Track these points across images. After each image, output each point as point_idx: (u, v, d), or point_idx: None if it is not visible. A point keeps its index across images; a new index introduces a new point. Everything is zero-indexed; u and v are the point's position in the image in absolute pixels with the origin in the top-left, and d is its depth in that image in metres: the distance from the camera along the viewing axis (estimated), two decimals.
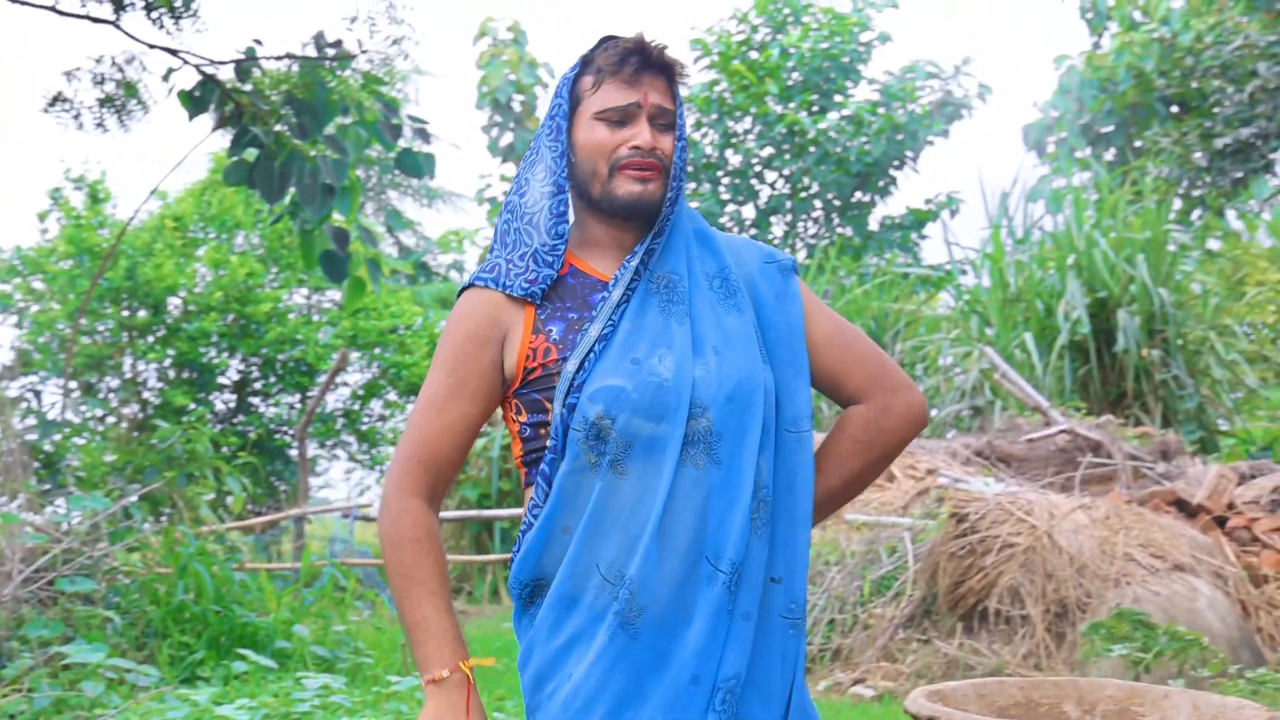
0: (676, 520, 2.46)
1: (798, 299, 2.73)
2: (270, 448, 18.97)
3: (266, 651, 8.23)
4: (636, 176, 2.61)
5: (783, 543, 2.58)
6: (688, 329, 2.56)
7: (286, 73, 8.53)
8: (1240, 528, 9.44)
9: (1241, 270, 21.33)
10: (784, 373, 2.64)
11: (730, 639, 2.46)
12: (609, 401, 2.48)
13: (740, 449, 2.51)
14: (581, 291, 2.64)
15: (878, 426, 2.72)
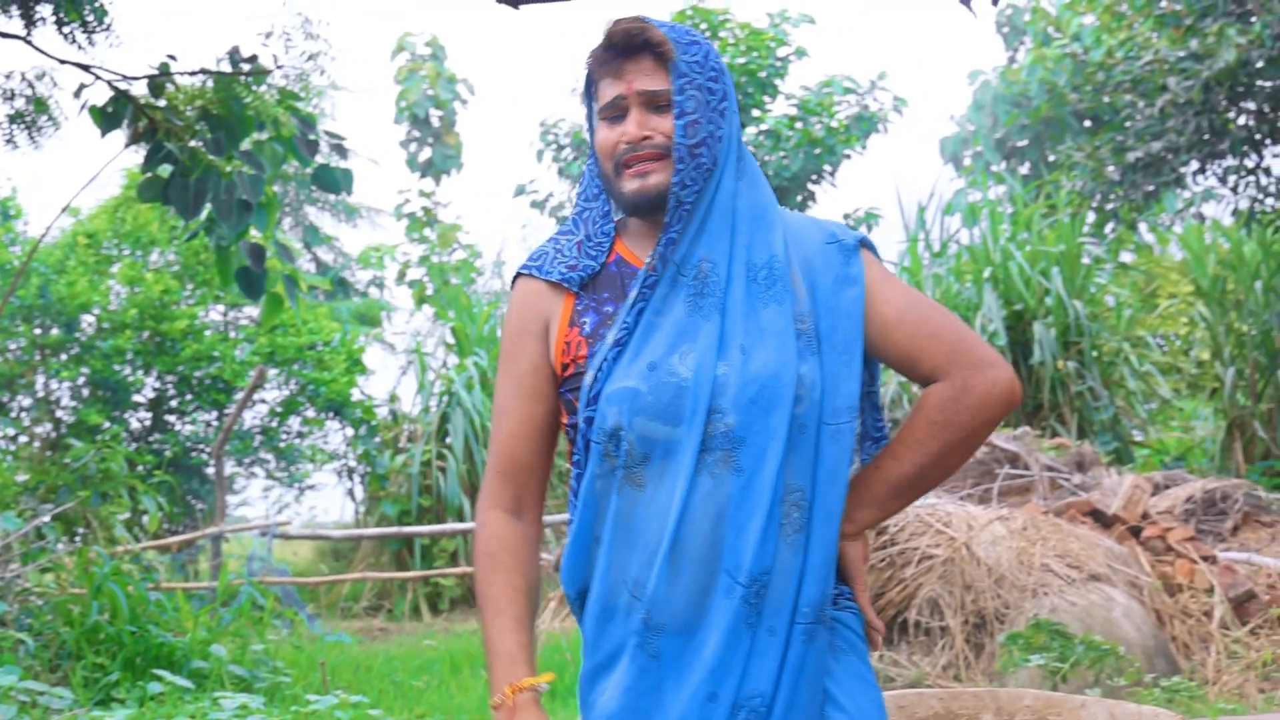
0: (691, 532, 2.35)
1: (858, 281, 2.53)
2: (186, 466, 18.79)
3: (183, 672, 8.14)
4: (635, 172, 2.49)
5: (817, 544, 2.42)
6: (716, 324, 2.42)
7: (201, 88, 8.47)
8: (1155, 537, 9.54)
9: (1154, 282, 21.58)
10: (833, 361, 2.47)
11: (754, 653, 2.35)
12: (623, 405, 2.39)
13: (764, 455, 2.36)
14: (622, 280, 2.54)
15: (956, 406, 2.49)
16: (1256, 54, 15.62)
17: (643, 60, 2.50)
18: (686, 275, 2.46)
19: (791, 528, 2.38)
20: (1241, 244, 17.56)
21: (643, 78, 2.49)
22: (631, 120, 2.49)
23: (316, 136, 8.80)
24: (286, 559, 17.01)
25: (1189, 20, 16.74)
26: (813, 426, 2.42)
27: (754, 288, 2.46)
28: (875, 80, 25.41)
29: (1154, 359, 19.04)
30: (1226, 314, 17.52)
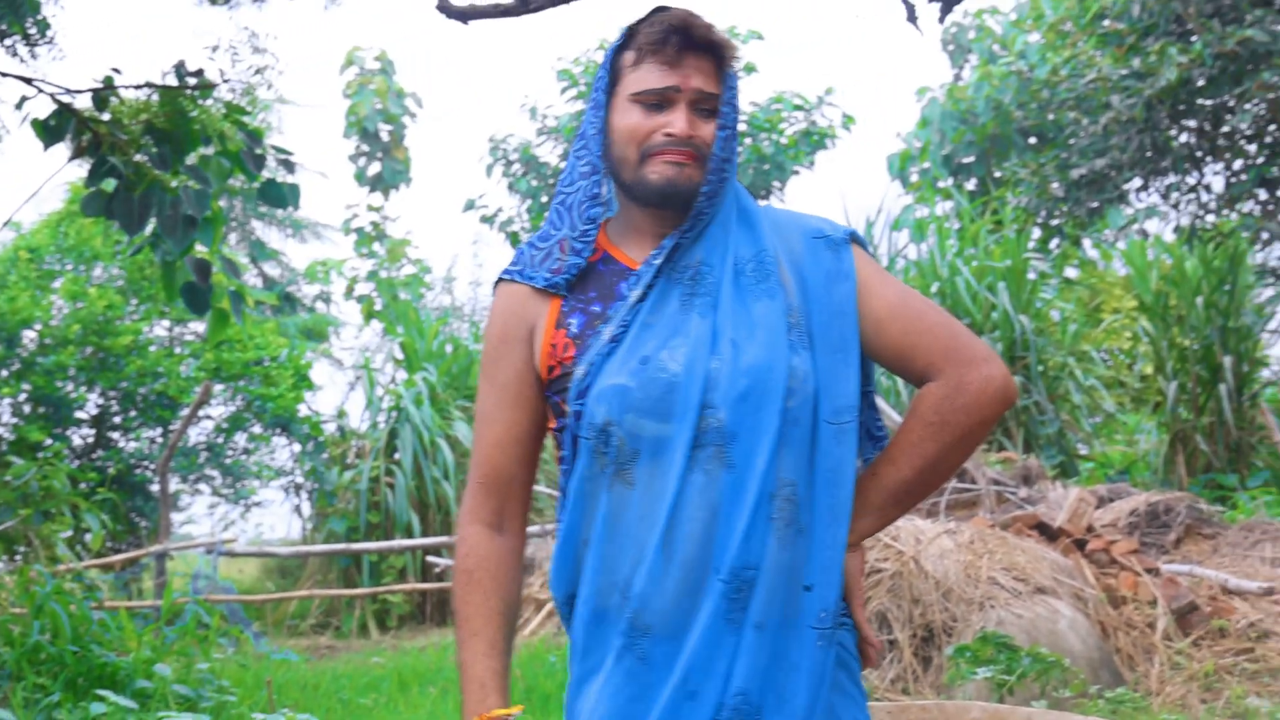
0: (683, 531, 2.29)
1: (850, 277, 2.47)
2: (131, 483, 18.64)
3: (127, 692, 8.07)
4: (671, 159, 2.42)
5: (820, 545, 2.35)
6: (710, 322, 2.37)
7: (146, 102, 8.41)
8: (1099, 550, 9.60)
9: (1098, 298, 21.74)
10: (828, 360, 2.41)
11: (740, 651, 2.27)
12: (613, 402, 2.34)
13: (755, 449, 2.30)
14: (610, 280, 2.49)
15: (951, 405, 2.41)
16: (1197, 73, 15.76)
17: (704, 59, 2.46)
18: (681, 275, 2.43)
19: (783, 523, 2.31)
20: (1183, 260, 17.71)
21: (701, 77, 2.45)
22: (681, 116, 2.43)
23: (263, 151, 8.76)
24: (232, 577, 16.88)
25: (1131, 39, 16.88)
26: (807, 421, 2.36)
27: (743, 281, 2.41)
28: (823, 97, 25.54)
29: (1098, 373, 19.17)
30: (1169, 329, 17.65)
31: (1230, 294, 17.04)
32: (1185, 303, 17.41)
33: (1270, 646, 8.91)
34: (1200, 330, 17.12)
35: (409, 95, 30.31)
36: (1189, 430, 16.88)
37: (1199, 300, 17.17)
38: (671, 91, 2.43)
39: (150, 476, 18.69)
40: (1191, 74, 15.79)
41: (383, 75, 30.11)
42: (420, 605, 15.62)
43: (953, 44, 28.99)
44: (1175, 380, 17.14)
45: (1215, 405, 16.74)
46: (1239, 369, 16.90)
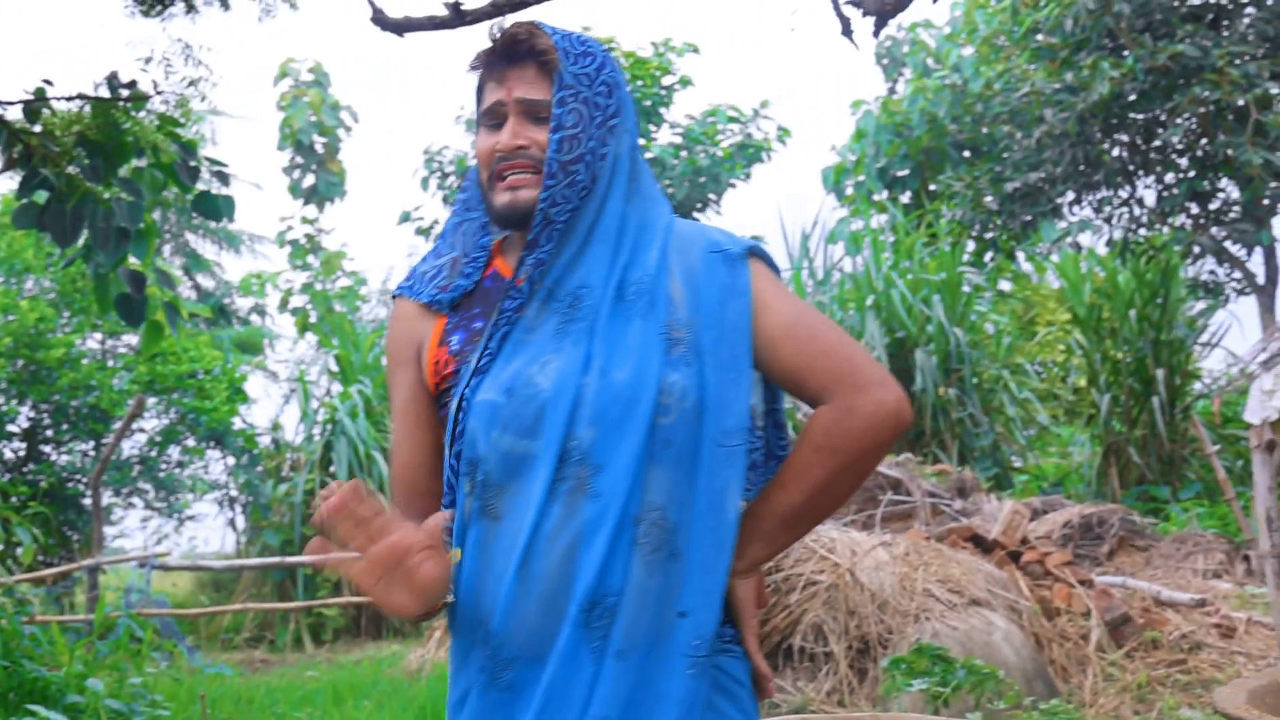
0: (541, 562, 2.21)
1: (745, 292, 2.36)
2: (63, 497, 18.47)
3: (59, 707, 7.99)
4: (506, 185, 2.35)
5: (698, 570, 2.24)
6: (583, 348, 2.28)
7: (79, 114, 8.35)
8: (1033, 562, 9.66)
9: (1032, 310, 21.90)
10: (718, 378, 2.30)
11: (600, 679, 2.18)
12: (481, 420, 2.27)
13: (619, 475, 2.21)
14: (495, 296, 2.41)
15: (841, 430, 2.29)
16: (1130, 87, 15.92)
17: (527, 67, 2.39)
18: (560, 300, 2.34)
19: (650, 548, 2.21)
20: (1116, 273, 17.87)
21: (523, 85, 2.38)
22: (507, 129, 2.37)
23: (198, 163, 8.70)
24: (166, 590, 16.74)
25: (1064, 53, 17.04)
26: (682, 443, 2.26)
27: (621, 305, 2.32)
28: (759, 109, 25.62)
29: (1032, 386, 19.32)
30: (1102, 342, 17.80)
31: (1163, 307, 17.20)
32: (1118, 316, 17.56)
33: (1202, 658, 8.99)
34: (1133, 343, 17.27)
35: (344, 108, 30.22)
36: (1122, 443, 17.02)
37: (1132, 313, 17.32)
38: (499, 106, 2.39)
39: (83, 490, 18.53)
40: (1124, 88, 15.96)
41: (317, 87, 30.00)
42: (355, 619, 15.56)
43: (887, 58, 29.17)
44: (1108, 393, 17.29)
45: (1148, 418, 16.89)
46: (1171, 382, 17.06)
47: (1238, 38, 15.82)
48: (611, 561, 2.20)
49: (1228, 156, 15.77)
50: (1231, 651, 9.15)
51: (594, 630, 2.19)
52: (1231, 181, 16.97)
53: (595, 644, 2.19)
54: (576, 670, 2.19)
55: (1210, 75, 15.41)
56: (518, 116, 2.37)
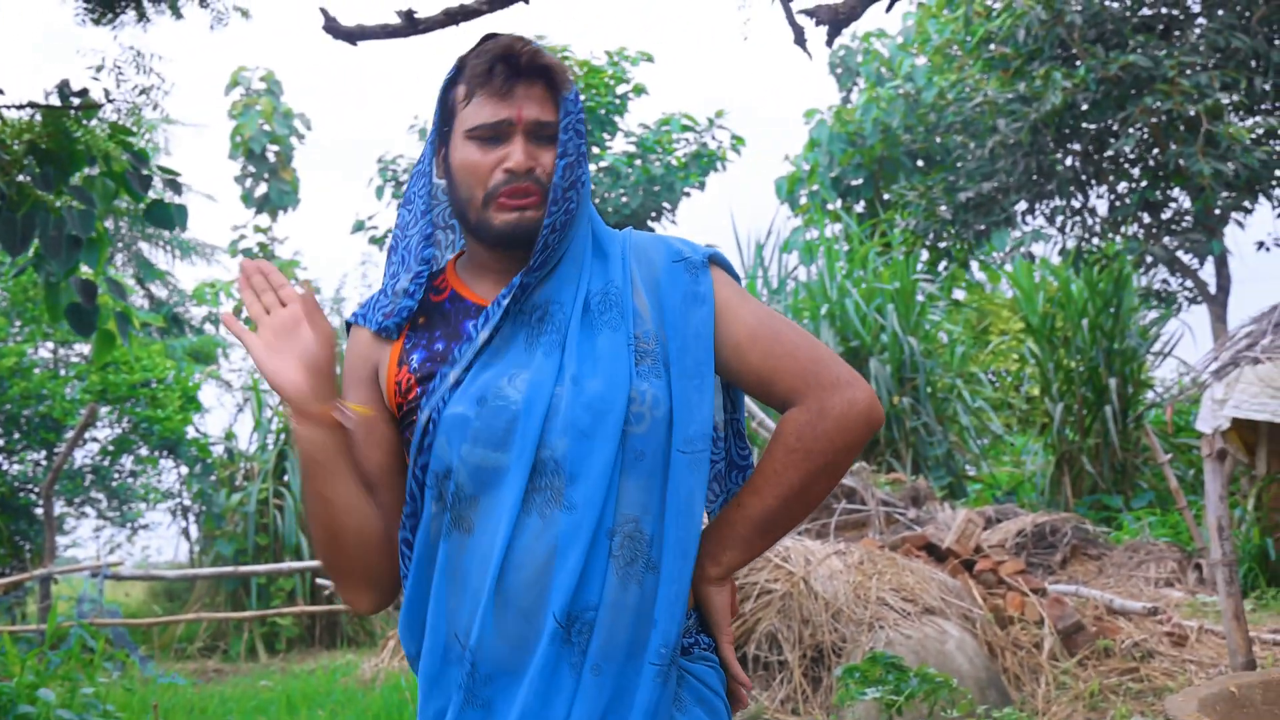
0: (517, 576, 2.19)
1: (708, 299, 2.35)
2: (14, 506, 18.35)
3: (10, 717, 7.95)
4: (513, 205, 2.31)
5: (667, 580, 2.23)
6: (555, 360, 2.27)
7: (29, 122, 8.30)
8: (987, 570, 9.69)
9: (986, 320, 22.00)
10: (683, 386, 2.29)
11: (579, 694, 2.17)
12: (452, 433, 2.24)
13: (593, 487, 2.20)
14: (455, 319, 2.38)
15: (814, 431, 2.29)
16: (1082, 97, 16.01)
17: (535, 87, 2.35)
18: (529, 316, 2.32)
19: (624, 561, 2.21)
20: (1069, 282, 17.95)
21: (534, 106, 2.33)
22: (519, 148, 2.31)
23: (150, 172, 8.67)
24: (118, 600, 16.66)
25: (1017, 63, 17.12)
26: (653, 454, 2.26)
27: (588, 317, 2.32)
28: (713, 118, 25.65)
29: (986, 395, 19.40)
30: (1055, 351, 17.87)
31: (1115, 316, 17.29)
32: (1071, 325, 17.64)
33: (1154, 666, 9.03)
34: (1086, 352, 17.35)
35: (297, 116, 30.13)
36: (1075, 452, 17.10)
37: (1085, 323, 17.40)
38: (505, 125, 2.33)
39: (35, 499, 18.40)
40: (1076, 98, 16.04)
41: (269, 96, 29.91)
42: (309, 628, 15.49)
43: (841, 67, 29.28)
44: (1061, 402, 17.36)
45: (1100, 427, 16.97)
46: (1124, 391, 17.15)
47: (1189, 48, 15.93)
48: (589, 575, 2.19)
49: (1179, 166, 15.87)
50: (1183, 660, 9.20)
51: (573, 646, 2.18)
52: (1183, 191, 17.09)
53: (574, 659, 2.18)
54: (557, 686, 2.18)
55: (1162, 86, 15.51)
56: (527, 136, 2.33)
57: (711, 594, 2.37)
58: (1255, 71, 16.32)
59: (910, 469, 16.28)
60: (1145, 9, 16.72)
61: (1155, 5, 16.79)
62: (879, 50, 28.10)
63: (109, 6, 8.82)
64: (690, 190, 25.23)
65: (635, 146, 25.20)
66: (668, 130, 25.38)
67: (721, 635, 2.39)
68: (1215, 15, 16.44)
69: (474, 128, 2.34)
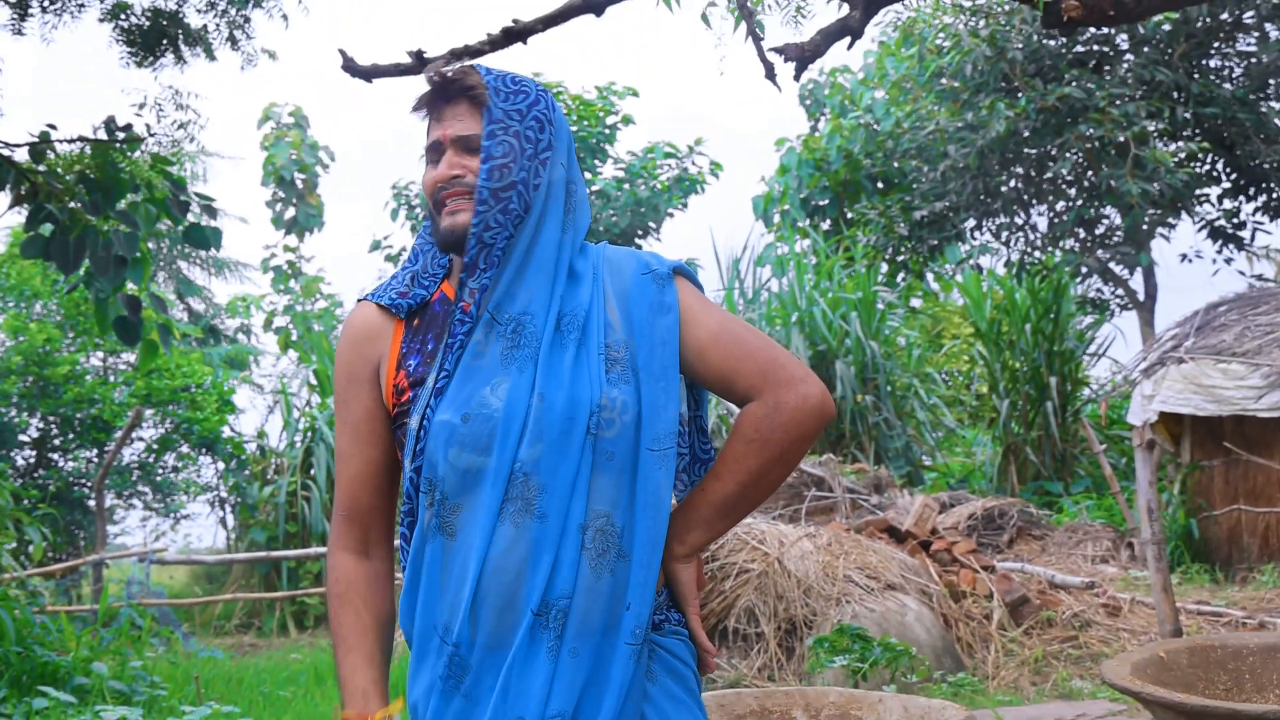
0: (495, 578, 2.17)
1: (672, 309, 2.33)
2: (70, 499, 18.33)
3: (67, 688, 7.94)
4: (448, 210, 2.31)
5: (638, 566, 2.22)
6: (529, 375, 2.23)
7: (80, 154, 8.30)
8: (942, 550, 9.70)
9: (939, 325, 22.01)
10: (651, 389, 2.27)
11: (558, 675, 2.15)
12: (439, 439, 2.21)
13: (563, 492, 2.19)
14: (444, 319, 2.36)
15: (770, 423, 2.27)
16: (1023, 125, 16.05)
17: (459, 105, 2.36)
18: (504, 325, 2.28)
19: (597, 551, 2.20)
20: (1013, 291, 17.96)
21: (455, 123, 2.34)
22: (444, 161, 2.33)
23: (187, 198, 8.67)
24: (163, 582, 16.61)
25: (965, 95, 17.14)
26: (623, 453, 2.24)
27: (559, 335, 2.29)
28: (693, 146, 25.64)
29: (940, 393, 19.41)
30: (1002, 353, 17.89)
31: (1055, 321, 17.31)
32: (1016, 329, 17.66)
33: (1092, 634, 9.05)
34: (1029, 354, 17.37)
35: (321, 148, 30.13)
36: (1020, 443, 17.11)
37: (1027, 327, 17.42)
38: (438, 145, 2.35)
39: (87, 493, 18.38)
40: (1018, 126, 16.08)
41: (297, 129, 29.89)
42: None
43: (809, 99, 29.25)
44: (1007, 399, 17.38)
45: (1043, 421, 16.99)
46: (1063, 388, 17.17)
47: (1118, 81, 15.97)
48: (561, 567, 2.17)
49: (1111, 187, 15.91)
50: (1117, 629, 9.22)
51: (549, 630, 2.16)
52: (1114, 209, 17.12)
53: (551, 642, 2.16)
54: (535, 668, 2.16)
55: (1094, 115, 15.55)
56: (454, 149, 2.34)
57: (679, 571, 2.36)
58: (1177, 102, 16.37)
59: (873, 460, 16.28)
60: (1079, 46, 16.74)
61: (1088, 42, 16.82)
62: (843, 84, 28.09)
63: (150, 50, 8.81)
64: (673, 211, 25.22)
65: (624, 172, 25.19)
66: (652, 157, 25.37)
67: (689, 609, 2.39)
68: (1141, 51, 16.48)
69: (426, 150, 2.39)
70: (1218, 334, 11.88)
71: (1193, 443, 12.41)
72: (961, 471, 18.48)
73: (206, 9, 8.87)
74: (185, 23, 8.86)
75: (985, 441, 18.92)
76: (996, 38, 16.37)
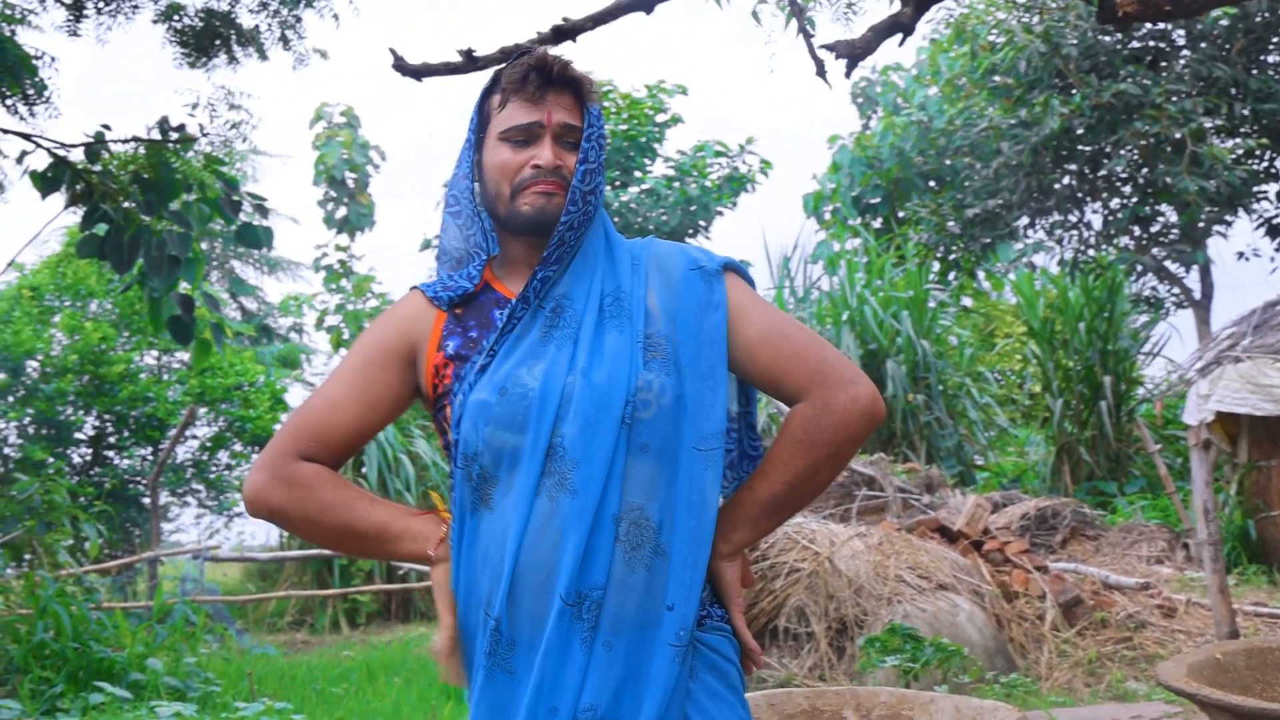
0: (531, 555, 2.14)
1: (721, 306, 2.31)
2: (125, 496, 18.49)
3: (122, 683, 8.01)
4: (540, 191, 2.27)
5: (681, 566, 2.19)
6: (567, 352, 2.22)
7: (134, 154, 8.37)
8: (994, 550, 9.65)
9: (991, 324, 21.88)
10: (697, 387, 2.25)
11: (591, 668, 2.12)
12: (476, 416, 2.20)
13: (595, 473, 2.15)
14: (487, 309, 2.35)
15: (819, 424, 2.24)
16: (1077, 122, 15.93)
17: (564, 95, 2.32)
18: (545, 307, 2.28)
19: (631, 545, 2.17)
20: (1067, 290, 17.85)
21: (562, 111, 2.31)
22: (547, 148, 2.28)
23: (240, 197, 8.73)
24: (217, 579, 16.72)
25: (1018, 92, 17.03)
26: (660, 446, 2.22)
27: (603, 316, 2.27)
28: (744, 145, 25.60)
29: (992, 392, 19.29)
30: (1055, 352, 17.77)
31: (1109, 320, 17.18)
32: (1069, 328, 17.54)
33: (1147, 635, 8.97)
34: (1082, 353, 17.25)
35: (373, 148, 30.26)
36: (1073, 443, 17.00)
37: (1081, 326, 17.30)
38: (536, 127, 2.30)
39: (142, 490, 18.54)
40: (1072, 123, 15.96)
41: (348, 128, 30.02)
42: (386, 604, 15.53)
43: (861, 97, 29.17)
44: (1061, 398, 17.26)
45: (1096, 420, 16.87)
46: (1117, 388, 17.05)
47: (1175, 77, 15.83)
48: (595, 556, 2.15)
49: (1166, 184, 15.77)
50: (1173, 630, 9.14)
51: (583, 621, 2.14)
52: (1170, 207, 16.97)
53: (584, 634, 2.14)
54: (568, 659, 2.14)
55: (1150, 111, 15.41)
56: (555, 140, 2.31)
57: (724, 569, 2.33)
58: (1235, 98, 16.21)
59: (924, 459, 16.21)
60: (1135, 42, 16.61)
61: (1144, 38, 16.67)
62: (895, 82, 27.99)
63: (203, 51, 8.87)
64: (723, 210, 25.19)
65: (673, 171, 25.16)
66: (702, 156, 25.33)
67: (733, 606, 2.35)
68: (1199, 47, 16.32)
69: (507, 130, 2.32)
70: (1275, 332, 11.76)
71: (1250, 442, 12.30)
72: (1014, 471, 18.38)
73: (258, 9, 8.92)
74: (237, 23, 8.92)
75: (1038, 441, 18.81)
76: (1050, 34, 16.25)
